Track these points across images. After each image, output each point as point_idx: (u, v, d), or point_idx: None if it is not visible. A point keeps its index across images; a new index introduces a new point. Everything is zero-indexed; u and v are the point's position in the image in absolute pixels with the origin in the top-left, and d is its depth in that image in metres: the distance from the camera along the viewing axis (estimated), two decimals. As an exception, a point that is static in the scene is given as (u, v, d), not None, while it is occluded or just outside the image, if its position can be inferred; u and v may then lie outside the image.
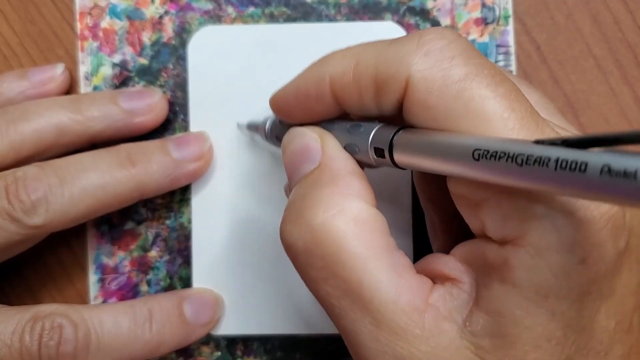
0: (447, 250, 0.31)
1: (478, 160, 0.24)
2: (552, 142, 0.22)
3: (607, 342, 0.26)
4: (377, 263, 0.28)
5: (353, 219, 0.28)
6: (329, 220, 0.28)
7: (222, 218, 0.42)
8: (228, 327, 0.42)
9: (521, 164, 0.22)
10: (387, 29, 0.42)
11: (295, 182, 0.32)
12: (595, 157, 0.20)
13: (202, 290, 0.42)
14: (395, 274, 0.28)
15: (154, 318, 0.38)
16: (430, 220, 0.37)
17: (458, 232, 0.35)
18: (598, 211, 0.25)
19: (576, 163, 0.20)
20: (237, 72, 0.42)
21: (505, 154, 0.23)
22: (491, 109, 0.26)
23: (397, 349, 0.27)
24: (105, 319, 0.37)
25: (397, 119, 0.29)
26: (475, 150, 0.24)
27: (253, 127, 0.40)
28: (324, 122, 0.33)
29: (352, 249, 0.28)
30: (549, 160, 0.21)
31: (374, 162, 0.30)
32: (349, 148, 0.31)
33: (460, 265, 0.28)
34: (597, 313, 0.26)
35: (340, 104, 0.31)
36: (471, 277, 0.28)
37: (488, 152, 0.23)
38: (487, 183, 0.25)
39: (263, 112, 0.41)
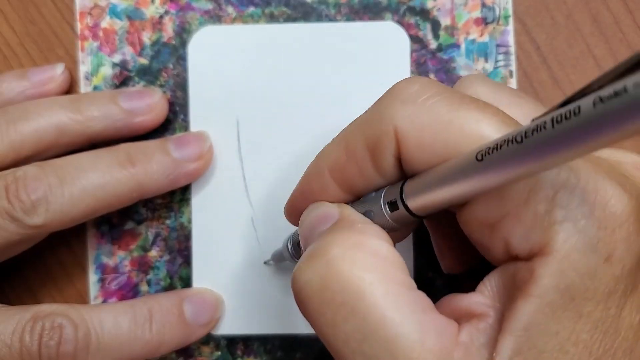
0: (456, 268, 0.31)
1: (482, 160, 0.24)
2: (547, 112, 0.22)
3: (632, 339, 0.26)
4: (400, 300, 0.26)
5: (372, 253, 0.27)
6: (346, 252, 0.27)
7: (222, 218, 0.42)
8: (228, 326, 0.42)
9: (521, 140, 0.22)
10: (387, 29, 0.42)
11: (313, 242, 0.30)
12: (586, 99, 0.19)
13: (202, 290, 0.42)
14: (420, 312, 0.26)
15: (154, 318, 0.38)
16: (436, 243, 0.37)
17: (466, 252, 0.35)
18: (617, 207, 0.25)
19: (570, 111, 0.20)
20: (237, 72, 0.42)
21: (505, 140, 0.23)
22: (486, 128, 0.26)
23: None
24: (105, 319, 0.37)
25: (403, 178, 0.29)
26: (478, 152, 0.24)
27: (279, 257, 0.40)
28: None
29: (373, 282, 0.26)
30: (545, 122, 0.21)
31: (389, 219, 0.29)
32: (365, 216, 0.30)
33: (486, 300, 0.27)
34: (622, 310, 0.25)
35: (346, 189, 0.31)
36: (497, 310, 0.27)
37: (489, 147, 0.23)
38: (503, 196, 0.25)
39: (263, 111, 0.41)
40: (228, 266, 0.42)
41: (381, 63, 0.42)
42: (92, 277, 0.43)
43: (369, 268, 0.27)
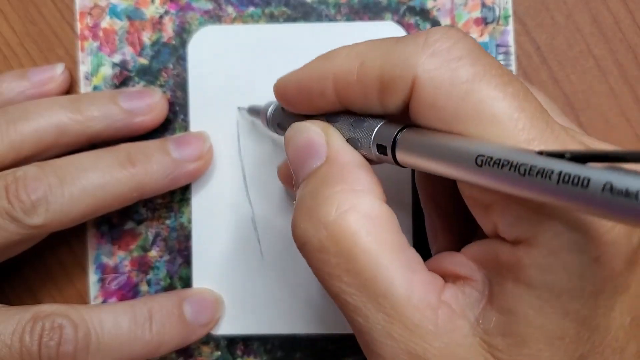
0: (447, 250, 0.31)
1: (481, 166, 0.24)
2: (555, 155, 0.22)
3: (623, 339, 0.26)
4: (391, 259, 0.28)
5: (365, 216, 0.28)
6: (342, 218, 0.28)
7: (222, 218, 0.42)
8: (228, 326, 0.42)
9: (524, 174, 0.22)
10: (387, 29, 0.42)
11: (303, 178, 0.31)
12: (598, 174, 0.20)
13: (202, 290, 0.42)
14: (408, 270, 0.28)
15: (154, 318, 0.38)
16: (431, 221, 0.37)
17: (458, 234, 0.35)
18: None
19: (579, 178, 0.20)
20: (237, 72, 0.42)
21: (508, 162, 0.23)
22: (501, 110, 0.26)
23: (411, 344, 0.27)
24: (105, 319, 0.37)
25: (402, 117, 0.29)
26: (479, 156, 0.24)
27: (254, 112, 0.40)
28: (327, 114, 0.33)
29: (366, 245, 0.28)
30: (552, 172, 0.21)
31: (375, 158, 0.30)
32: (351, 142, 0.31)
33: (472, 264, 0.28)
34: (612, 310, 0.26)
35: (343, 102, 0.31)
36: (483, 276, 0.28)
37: (491, 159, 0.24)
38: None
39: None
40: (228, 266, 0.42)
41: None
42: (92, 277, 0.43)
43: (363, 233, 0.28)
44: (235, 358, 0.43)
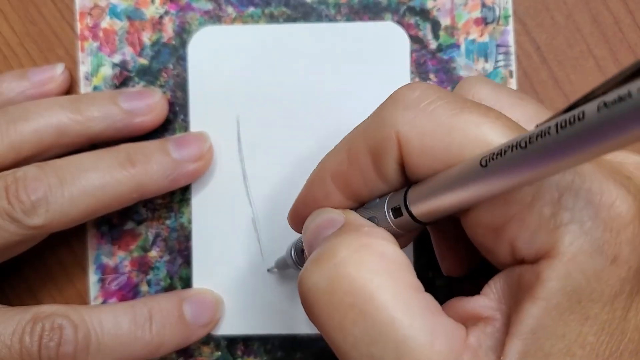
0: (456, 271, 0.32)
1: (486, 166, 0.24)
2: (551, 117, 0.22)
3: (638, 340, 0.26)
4: (409, 302, 0.26)
5: (379, 255, 0.27)
6: (354, 255, 0.27)
7: (223, 218, 0.42)
8: (228, 327, 0.42)
9: (525, 146, 0.22)
10: (387, 30, 0.42)
11: (315, 248, 0.30)
12: (591, 104, 0.19)
13: (202, 291, 0.42)
14: (429, 314, 0.26)
15: (154, 319, 0.38)
16: (437, 244, 0.37)
17: (466, 255, 0.35)
18: (622, 208, 0.24)
19: (574, 116, 0.20)
20: (237, 72, 0.42)
21: (509, 146, 0.23)
22: (489, 131, 0.26)
23: None
24: (105, 319, 0.37)
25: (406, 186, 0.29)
26: (482, 158, 0.24)
27: (282, 264, 0.40)
28: None
29: (381, 284, 0.26)
30: (549, 128, 0.21)
31: (393, 225, 0.29)
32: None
33: (493, 303, 0.27)
34: (628, 311, 0.25)
35: (349, 196, 0.31)
36: (503, 312, 0.27)
37: (493, 153, 0.23)
38: (507, 200, 0.25)
39: (263, 111, 0.41)
40: (228, 267, 0.42)
41: (381, 63, 0.42)
42: (92, 278, 0.43)
43: (377, 270, 0.27)
44: (235, 358, 0.43)
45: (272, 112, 0.42)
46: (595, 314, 0.25)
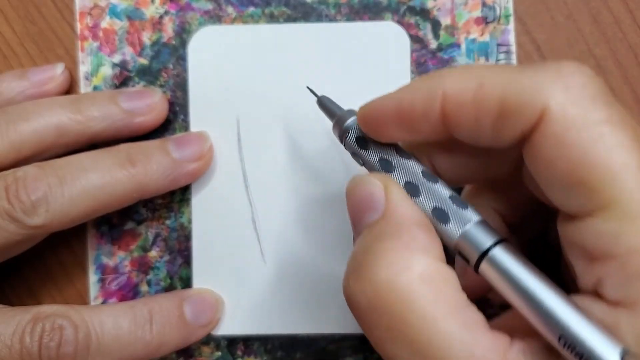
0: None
1: (564, 346, 0.25)
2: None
3: None
4: (447, 322, 0.26)
5: (419, 276, 0.27)
6: (392, 278, 0.27)
7: (223, 218, 0.42)
8: (228, 327, 0.42)
9: None
10: (387, 30, 0.42)
11: (359, 232, 0.30)
12: None
13: (202, 291, 0.42)
14: (467, 332, 0.26)
15: (154, 319, 0.38)
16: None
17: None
18: None
19: None
20: (237, 72, 0.42)
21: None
22: (633, 161, 0.25)
23: None
24: (105, 320, 0.37)
25: (510, 151, 0.28)
26: (561, 336, 0.25)
27: (327, 110, 0.37)
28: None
29: (418, 308, 0.27)
30: None
31: (450, 251, 0.30)
32: (410, 188, 0.30)
33: None
34: None
35: (450, 126, 0.29)
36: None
37: (574, 348, 0.24)
38: (619, 236, 0.25)
39: (263, 110, 0.41)
40: (228, 266, 0.42)
41: (381, 63, 0.42)
42: (92, 278, 0.43)
43: (416, 295, 0.27)
44: (235, 358, 0.43)
45: (272, 112, 0.42)
46: None
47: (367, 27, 0.42)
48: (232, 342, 0.43)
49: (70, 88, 0.43)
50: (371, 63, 0.42)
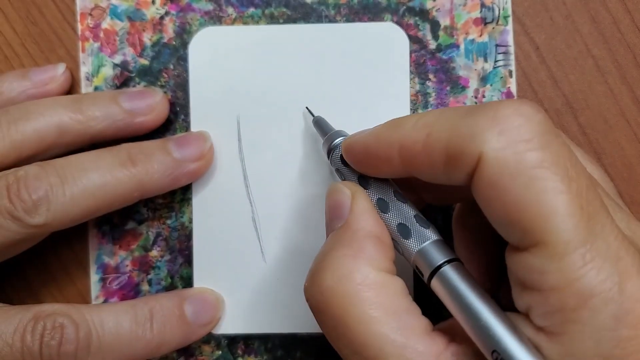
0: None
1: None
2: None
3: None
4: (382, 326, 0.29)
5: (359, 284, 0.30)
6: (336, 284, 0.30)
7: (223, 217, 0.42)
8: (229, 326, 0.42)
9: None
10: (386, 30, 0.42)
11: (327, 236, 0.33)
12: None
13: (203, 290, 0.42)
14: (401, 335, 0.29)
15: (155, 318, 0.39)
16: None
17: (488, 274, 0.36)
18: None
19: None
20: (237, 72, 0.42)
21: None
22: (561, 205, 0.26)
23: None
24: (106, 318, 0.37)
25: (466, 189, 0.29)
26: (494, 351, 0.27)
27: (320, 128, 0.40)
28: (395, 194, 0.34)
29: (356, 313, 0.29)
30: None
31: (408, 263, 0.33)
32: (380, 204, 0.33)
33: None
34: None
35: (409, 170, 0.31)
36: None
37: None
38: (544, 274, 0.26)
39: (263, 111, 0.42)
40: (229, 266, 0.42)
41: (381, 64, 0.42)
42: (94, 277, 0.43)
43: (355, 301, 0.30)
44: (236, 357, 0.43)
45: (272, 112, 0.42)
46: None
47: (367, 27, 0.42)
48: (233, 341, 0.43)
49: (71, 88, 0.43)
50: (371, 64, 0.42)
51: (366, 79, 0.42)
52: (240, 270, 0.42)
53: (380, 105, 0.42)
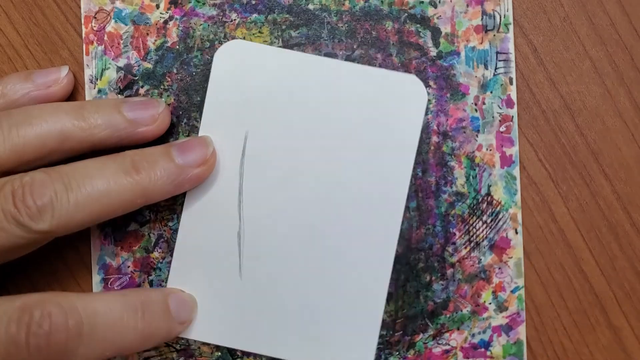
0: None
1: None
2: None
3: None
4: None
5: None
6: None
7: (209, 226, 0.43)
8: (197, 333, 0.43)
9: None
10: (409, 82, 0.42)
11: None
12: None
13: (179, 290, 0.42)
14: None
15: (145, 308, 0.38)
16: None
17: None
18: None
19: None
20: (256, 90, 0.42)
21: None
22: None
23: None
24: (97, 306, 0.37)
25: None
26: None
27: None
28: None
29: None
30: None
31: None
32: None
33: None
34: None
35: None
36: None
37: None
38: None
39: (272, 132, 0.42)
40: (204, 274, 0.43)
41: (395, 112, 0.42)
42: (96, 278, 0.44)
43: None
44: (235, 358, 0.43)
45: (281, 136, 0.42)
46: None
47: (390, 75, 0.42)
48: (233, 342, 0.43)
49: (74, 91, 0.44)
50: (386, 110, 0.42)
51: (378, 125, 0.42)
52: (215, 281, 0.43)
53: (385, 154, 0.42)
